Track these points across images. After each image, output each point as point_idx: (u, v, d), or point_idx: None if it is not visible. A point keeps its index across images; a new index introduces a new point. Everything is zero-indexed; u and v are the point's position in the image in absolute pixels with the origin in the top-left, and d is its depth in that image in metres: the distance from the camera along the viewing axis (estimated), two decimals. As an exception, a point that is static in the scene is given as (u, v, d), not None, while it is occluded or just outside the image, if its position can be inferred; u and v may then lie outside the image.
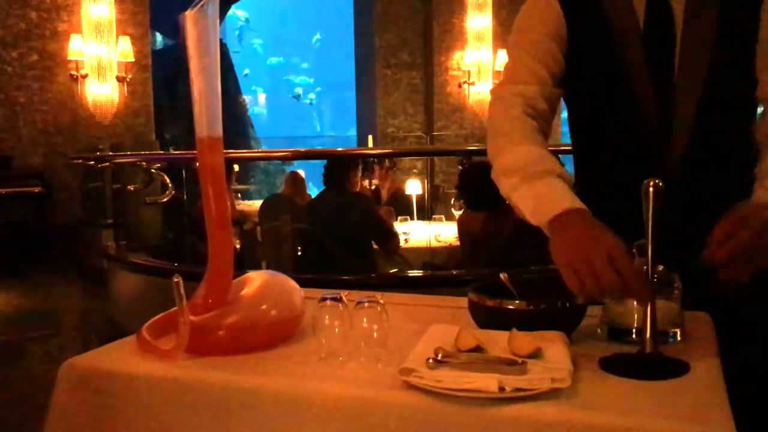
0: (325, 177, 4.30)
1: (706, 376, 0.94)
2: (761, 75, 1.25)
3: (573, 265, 1.01)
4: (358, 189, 4.49)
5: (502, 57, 8.72)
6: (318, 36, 22.04)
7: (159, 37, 10.45)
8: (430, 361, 0.92)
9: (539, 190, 1.16)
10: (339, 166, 4.26)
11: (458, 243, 4.04)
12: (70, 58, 7.40)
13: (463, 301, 1.15)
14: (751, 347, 1.21)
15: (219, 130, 1.09)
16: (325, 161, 4.47)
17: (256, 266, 4.35)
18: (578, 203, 1.11)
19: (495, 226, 3.63)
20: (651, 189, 0.99)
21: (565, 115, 1.44)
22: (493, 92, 1.37)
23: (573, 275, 1.00)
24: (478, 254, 3.75)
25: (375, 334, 1.00)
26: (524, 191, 1.18)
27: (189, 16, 1.06)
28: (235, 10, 20.32)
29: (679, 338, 1.07)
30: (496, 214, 3.64)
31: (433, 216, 5.17)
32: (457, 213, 4.39)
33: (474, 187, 3.83)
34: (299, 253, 4.43)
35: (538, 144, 1.25)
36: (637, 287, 0.98)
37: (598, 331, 1.11)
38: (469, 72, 8.79)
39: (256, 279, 1.16)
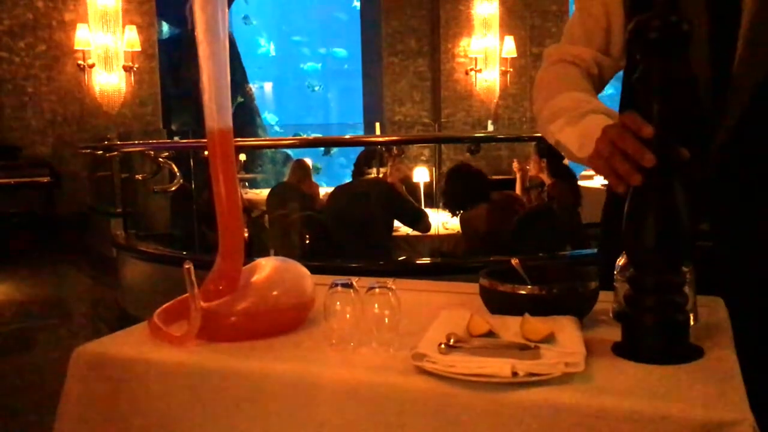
0: (355, 166, 4.37)
1: (720, 361, 0.93)
2: None
3: (600, 153, 0.98)
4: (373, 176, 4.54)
5: (509, 44, 8.67)
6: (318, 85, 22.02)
7: (165, 26, 10.43)
8: (443, 346, 0.91)
9: (585, 127, 1.14)
10: (369, 157, 4.32)
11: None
12: (76, 47, 7.41)
13: (474, 287, 1.14)
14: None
15: (229, 116, 1.09)
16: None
17: (265, 254, 4.36)
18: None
19: (500, 219, 3.63)
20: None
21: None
22: (546, 51, 1.37)
23: (603, 162, 0.98)
24: (485, 248, 3.77)
25: (386, 319, 0.99)
26: (569, 130, 1.17)
27: (197, 1, 1.05)
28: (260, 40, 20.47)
29: (692, 323, 1.06)
30: (500, 207, 3.64)
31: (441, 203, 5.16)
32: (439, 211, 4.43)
33: (460, 188, 3.90)
34: (307, 241, 4.44)
35: (584, 89, 1.24)
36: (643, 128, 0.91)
37: (610, 315, 1.11)
38: (476, 59, 8.74)
39: (266, 265, 1.16)
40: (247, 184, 7.58)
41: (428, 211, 4.86)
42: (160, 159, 4.86)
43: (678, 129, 0.95)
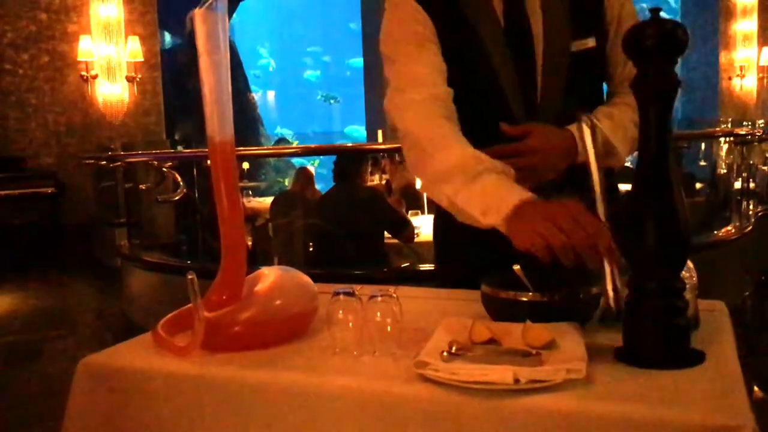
0: (335, 172, 4.30)
1: (722, 365, 0.94)
2: (614, 70, 1.38)
3: (538, 230, 0.98)
4: (368, 183, 4.50)
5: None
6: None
7: (167, 36, 10.47)
8: (445, 353, 0.92)
9: (485, 189, 1.13)
10: (349, 161, 4.27)
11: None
12: (79, 59, 7.42)
13: (476, 294, 1.14)
14: None
15: (230, 127, 1.10)
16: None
17: (268, 262, 4.37)
18: (529, 194, 1.09)
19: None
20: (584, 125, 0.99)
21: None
22: (393, 102, 1.33)
23: (539, 238, 0.97)
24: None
25: (389, 327, 1.00)
26: (467, 193, 1.15)
27: (198, 14, 1.06)
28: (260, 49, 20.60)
29: (693, 328, 1.06)
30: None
31: (444, 210, 5.14)
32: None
33: None
34: (310, 249, 4.44)
35: (466, 144, 1.23)
36: (605, 242, 0.95)
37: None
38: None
39: (269, 275, 1.17)
40: (250, 192, 7.59)
41: (431, 217, 4.86)
42: (164, 169, 4.87)
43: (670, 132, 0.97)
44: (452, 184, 1.17)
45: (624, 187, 1.25)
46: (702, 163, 6.13)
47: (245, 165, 7.32)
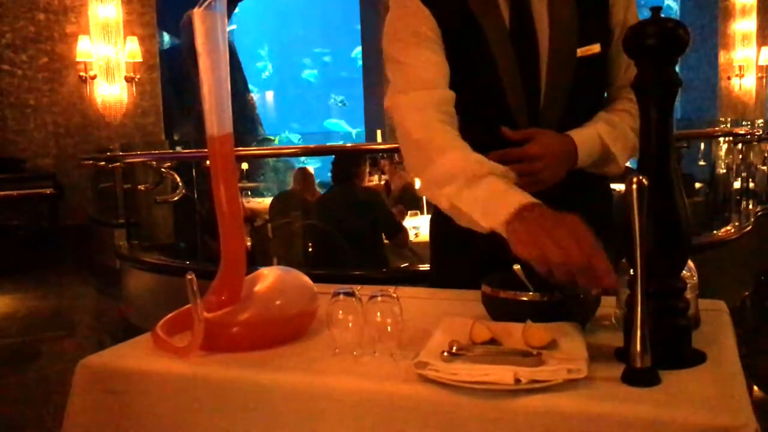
0: (333, 173, 4.30)
1: (723, 365, 0.93)
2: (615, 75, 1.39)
3: (538, 243, 0.95)
4: (366, 184, 4.49)
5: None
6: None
7: (166, 37, 10.46)
8: (445, 354, 0.91)
9: (487, 192, 1.11)
10: (347, 162, 4.27)
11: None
12: (78, 59, 7.43)
13: (477, 294, 1.14)
14: None
15: (229, 127, 1.09)
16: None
17: (268, 263, 4.36)
18: (531, 198, 1.06)
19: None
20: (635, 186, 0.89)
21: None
22: (395, 103, 1.31)
23: (538, 251, 0.94)
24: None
25: (389, 327, 0.99)
26: (469, 196, 1.13)
27: (197, 13, 1.06)
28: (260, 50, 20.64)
29: (694, 328, 1.06)
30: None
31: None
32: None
33: None
34: (310, 250, 4.44)
35: (467, 148, 1.22)
36: (602, 268, 0.90)
37: (612, 320, 1.10)
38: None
39: (269, 275, 1.16)
40: (249, 192, 7.59)
41: (430, 217, 4.85)
42: (163, 169, 4.87)
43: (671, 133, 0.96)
44: (453, 186, 1.16)
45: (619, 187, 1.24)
46: (701, 163, 6.14)
47: (244, 165, 7.32)
